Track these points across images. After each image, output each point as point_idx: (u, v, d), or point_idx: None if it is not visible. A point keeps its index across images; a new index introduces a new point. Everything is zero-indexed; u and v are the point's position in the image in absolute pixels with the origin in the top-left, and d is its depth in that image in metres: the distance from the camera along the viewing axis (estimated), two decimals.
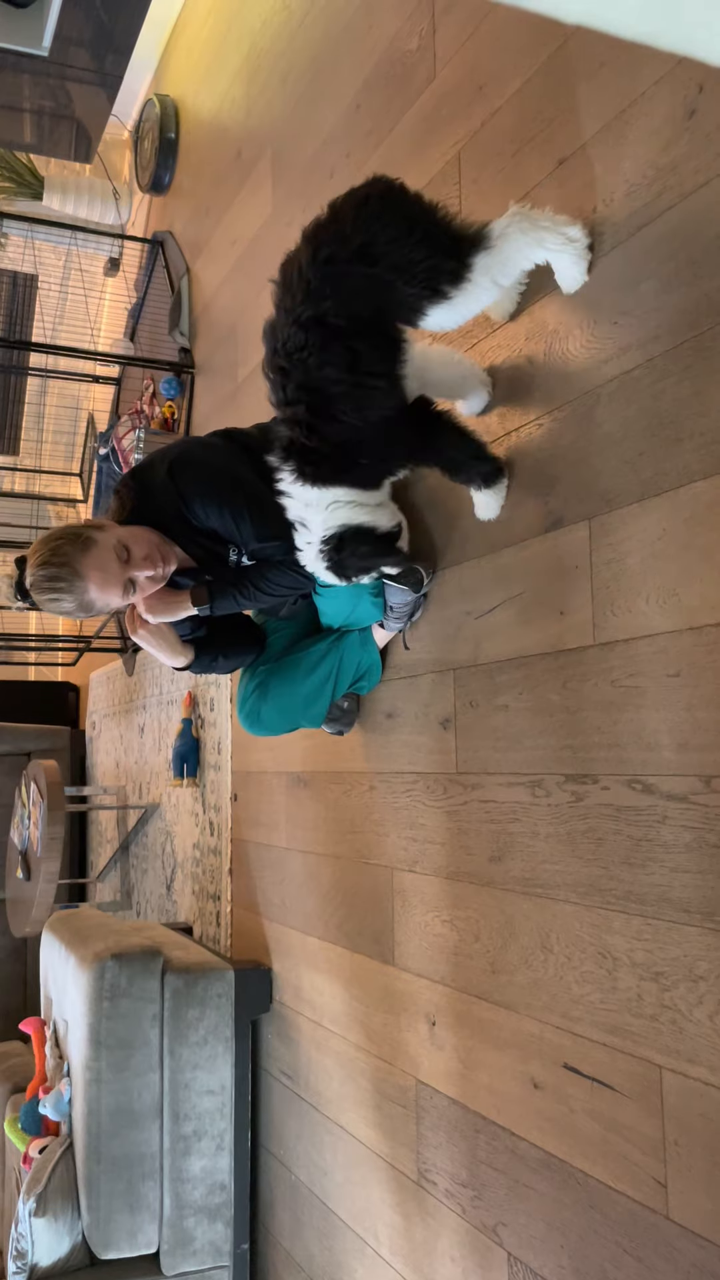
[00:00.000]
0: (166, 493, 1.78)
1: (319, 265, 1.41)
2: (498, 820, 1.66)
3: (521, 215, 1.41)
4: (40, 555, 1.71)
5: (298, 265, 1.44)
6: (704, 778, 1.25)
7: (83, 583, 1.69)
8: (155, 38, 4.08)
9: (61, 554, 1.68)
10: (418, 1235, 1.88)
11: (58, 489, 5.32)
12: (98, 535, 1.72)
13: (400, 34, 2.06)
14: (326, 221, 1.43)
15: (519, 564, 1.62)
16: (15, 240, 4.61)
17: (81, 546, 1.69)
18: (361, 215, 1.40)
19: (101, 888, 4.55)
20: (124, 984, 2.36)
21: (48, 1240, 2.34)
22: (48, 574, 1.69)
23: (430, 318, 1.44)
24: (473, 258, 1.40)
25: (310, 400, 1.46)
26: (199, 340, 3.47)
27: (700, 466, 1.27)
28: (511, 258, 1.42)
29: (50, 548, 1.70)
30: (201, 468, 1.79)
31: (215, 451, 1.83)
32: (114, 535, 1.73)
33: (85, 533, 1.72)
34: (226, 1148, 2.48)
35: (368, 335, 1.43)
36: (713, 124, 1.26)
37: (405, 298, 1.42)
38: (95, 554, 1.69)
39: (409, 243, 1.37)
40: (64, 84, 3.31)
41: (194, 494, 1.77)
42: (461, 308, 1.44)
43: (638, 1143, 1.34)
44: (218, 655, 2.06)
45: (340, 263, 1.40)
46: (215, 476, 1.78)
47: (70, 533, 1.72)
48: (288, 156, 2.67)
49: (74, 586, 1.69)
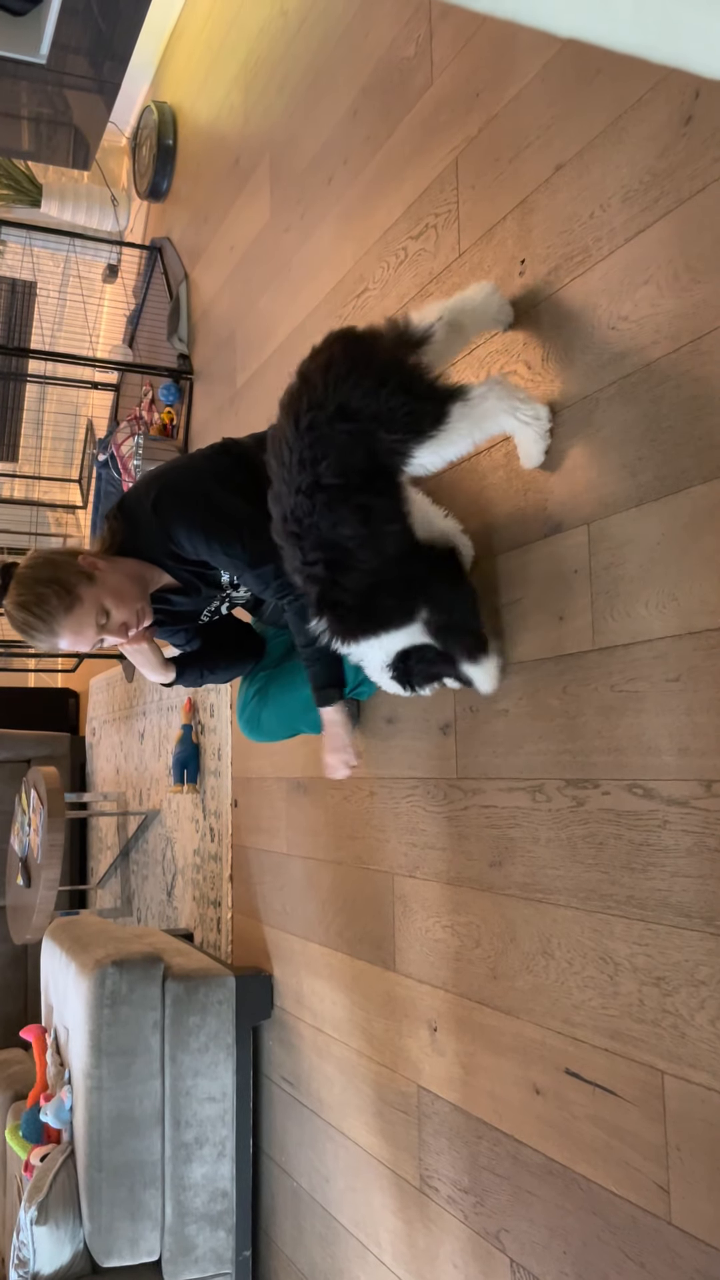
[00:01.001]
0: (152, 528, 1.79)
1: (303, 433, 1.44)
2: (498, 825, 1.66)
3: (499, 382, 1.46)
4: (25, 595, 1.73)
5: (284, 438, 1.48)
6: (704, 782, 1.25)
7: (54, 637, 1.76)
8: (153, 45, 4.09)
9: (46, 605, 1.72)
10: (420, 1242, 1.87)
11: (57, 495, 5.33)
12: (84, 592, 1.74)
13: (397, 41, 2.07)
14: (299, 389, 1.47)
15: (518, 569, 1.63)
16: (14, 247, 4.61)
17: (65, 606, 1.72)
18: (330, 378, 1.43)
19: (102, 894, 4.54)
20: (125, 991, 2.36)
21: (49, 1248, 2.34)
22: (24, 618, 1.73)
23: (416, 459, 1.47)
24: (450, 405, 1.44)
25: (329, 556, 1.49)
26: (197, 346, 3.48)
27: (699, 471, 1.27)
28: (487, 415, 1.46)
29: (36, 595, 1.72)
30: (186, 502, 1.78)
31: (200, 480, 1.82)
32: (100, 592, 1.75)
33: (75, 586, 1.73)
34: (228, 1155, 2.47)
35: (369, 485, 1.46)
36: (709, 130, 1.27)
37: (391, 444, 1.44)
38: (76, 615, 1.74)
39: (384, 394, 1.41)
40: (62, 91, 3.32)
41: (179, 530, 1.78)
42: (445, 449, 1.47)
43: (640, 1148, 1.34)
44: (203, 671, 2.08)
45: (322, 425, 1.43)
46: (200, 511, 1.78)
47: (60, 582, 1.73)
48: (285, 163, 2.68)
49: (46, 637, 1.76)
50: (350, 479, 1.44)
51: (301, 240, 2.54)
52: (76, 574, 1.74)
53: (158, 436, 3.57)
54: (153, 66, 4.22)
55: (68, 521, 5.32)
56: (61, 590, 1.72)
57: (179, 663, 2.07)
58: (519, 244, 1.64)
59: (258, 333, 2.84)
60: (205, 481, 1.81)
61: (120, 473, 3.71)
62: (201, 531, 1.77)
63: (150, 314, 3.94)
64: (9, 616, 1.76)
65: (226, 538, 1.77)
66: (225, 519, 1.77)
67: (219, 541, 1.77)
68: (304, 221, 2.53)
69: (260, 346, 2.82)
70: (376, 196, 2.14)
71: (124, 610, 1.79)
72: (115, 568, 1.80)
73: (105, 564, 1.79)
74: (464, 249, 1.80)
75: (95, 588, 1.75)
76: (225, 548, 1.78)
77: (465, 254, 1.79)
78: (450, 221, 1.85)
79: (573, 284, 1.51)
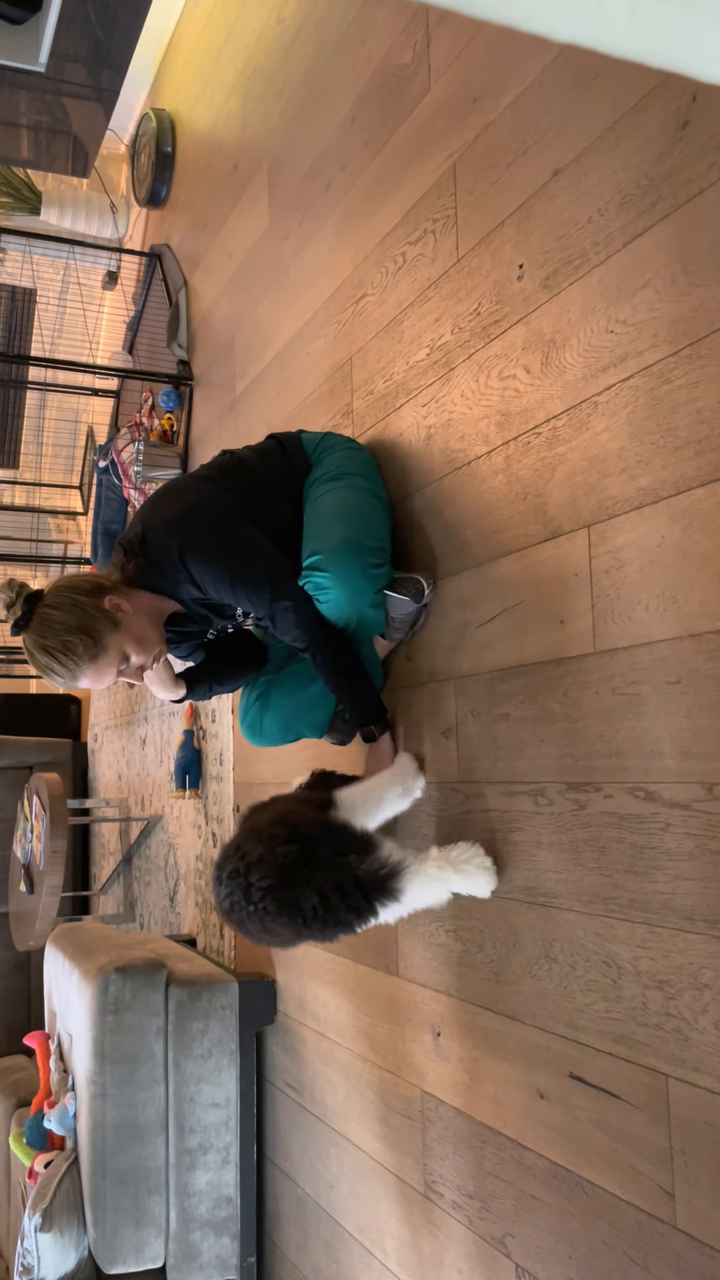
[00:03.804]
0: (177, 572, 1.82)
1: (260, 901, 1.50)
2: (500, 829, 1.66)
3: (441, 859, 1.59)
4: (50, 642, 1.74)
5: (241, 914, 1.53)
6: (706, 785, 1.25)
7: (75, 680, 1.78)
8: (151, 53, 4.10)
9: (72, 654, 1.74)
10: (425, 1247, 1.87)
11: (58, 502, 5.34)
12: (110, 640, 1.76)
13: (395, 47, 2.08)
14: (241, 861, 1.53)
15: (518, 573, 1.63)
16: (13, 255, 4.63)
17: (91, 656, 1.75)
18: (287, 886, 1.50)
19: (104, 900, 4.54)
20: (128, 997, 2.35)
21: (54, 1256, 2.33)
22: (47, 662, 1.75)
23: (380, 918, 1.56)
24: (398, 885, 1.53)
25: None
26: (197, 352, 3.48)
27: (698, 474, 1.27)
28: (429, 892, 1.59)
29: (63, 643, 1.73)
30: (216, 552, 1.81)
31: (228, 525, 1.84)
32: (124, 639, 1.79)
33: (102, 635, 1.75)
34: (232, 1161, 2.47)
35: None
36: (705, 134, 1.27)
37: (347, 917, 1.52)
38: (100, 663, 1.77)
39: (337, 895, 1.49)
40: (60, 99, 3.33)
41: (207, 579, 1.81)
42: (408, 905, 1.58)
43: (644, 1152, 1.34)
44: (212, 685, 2.11)
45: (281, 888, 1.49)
46: (229, 561, 1.81)
47: (87, 631, 1.74)
48: (284, 169, 2.68)
49: (66, 681, 1.78)
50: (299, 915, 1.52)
51: (300, 246, 2.55)
52: (103, 620, 1.76)
53: (158, 442, 3.57)
54: (151, 74, 4.23)
55: (68, 528, 5.33)
56: (89, 640, 1.74)
57: (188, 678, 2.08)
58: (517, 249, 1.65)
59: (257, 339, 2.85)
60: (233, 525, 1.84)
61: (121, 478, 3.71)
62: (228, 582, 1.81)
63: (150, 320, 3.95)
64: (29, 654, 1.77)
65: (253, 589, 1.81)
66: (254, 572, 1.81)
67: (245, 591, 1.81)
68: (302, 228, 2.54)
69: (260, 352, 2.82)
70: (375, 202, 2.15)
71: (144, 655, 1.83)
72: (137, 607, 1.82)
73: (129, 606, 1.81)
74: (462, 254, 1.80)
75: (119, 634, 1.78)
76: (250, 596, 1.82)
77: (463, 259, 1.80)
78: (448, 227, 1.85)
79: (571, 288, 1.51)
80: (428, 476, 1.90)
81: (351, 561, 1.78)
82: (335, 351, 2.32)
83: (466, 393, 1.78)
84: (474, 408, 1.75)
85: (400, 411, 2.01)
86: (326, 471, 1.95)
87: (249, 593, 1.81)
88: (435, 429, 1.88)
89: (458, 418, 1.80)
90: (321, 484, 1.94)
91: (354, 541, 1.80)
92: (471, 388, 1.76)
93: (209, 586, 1.83)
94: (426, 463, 1.90)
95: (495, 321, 1.70)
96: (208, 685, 2.10)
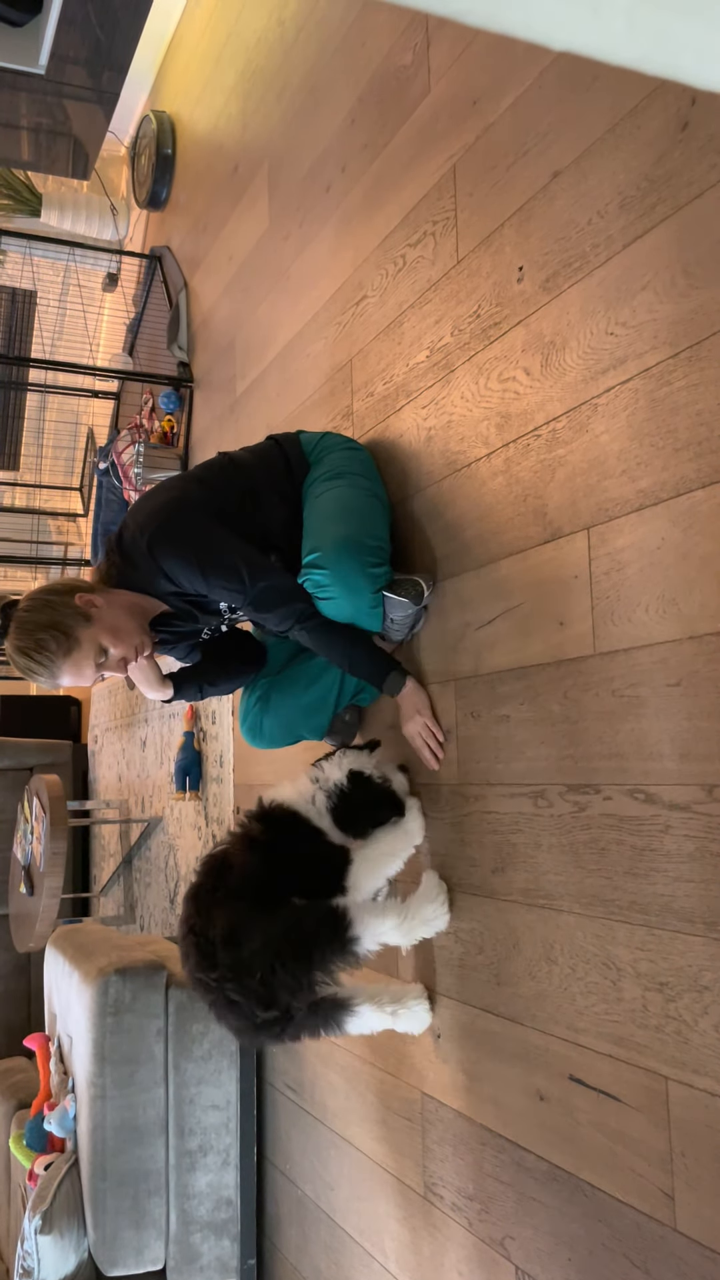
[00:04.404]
0: (150, 566, 1.82)
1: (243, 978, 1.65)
2: (500, 831, 1.66)
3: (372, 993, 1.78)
4: (24, 641, 1.77)
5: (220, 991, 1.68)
6: (706, 787, 1.25)
7: (55, 679, 1.81)
8: (151, 55, 4.10)
9: (45, 651, 1.76)
10: (425, 1249, 1.87)
11: (58, 504, 5.34)
12: (82, 634, 1.77)
13: (395, 49, 2.08)
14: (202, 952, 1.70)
15: (518, 575, 1.63)
16: (14, 257, 4.63)
17: (64, 650, 1.77)
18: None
19: (105, 902, 4.54)
20: (128, 999, 2.35)
21: (54, 1258, 2.33)
22: (25, 663, 1.78)
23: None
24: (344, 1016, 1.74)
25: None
26: (197, 354, 3.48)
27: (698, 476, 1.27)
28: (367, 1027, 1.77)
29: (35, 641, 1.76)
30: (182, 542, 1.81)
31: (196, 518, 1.84)
32: (98, 632, 1.79)
33: (73, 629, 1.77)
34: (232, 1163, 2.47)
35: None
36: (705, 136, 1.27)
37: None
38: (74, 658, 1.78)
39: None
40: (61, 101, 3.33)
41: (176, 570, 1.81)
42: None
43: (644, 1154, 1.34)
44: (203, 686, 2.10)
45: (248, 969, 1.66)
46: (197, 551, 1.81)
47: (57, 626, 1.76)
48: (284, 171, 2.69)
49: (47, 679, 1.81)
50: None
51: (300, 248, 2.55)
52: (73, 615, 1.78)
53: (158, 444, 3.57)
54: (151, 76, 4.23)
55: (69, 529, 5.33)
56: (59, 634, 1.76)
57: (177, 679, 2.08)
58: (517, 251, 1.65)
59: (257, 340, 2.85)
60: (201, 518, 1.84)
61: (121, 480, 3.71)
62: (199, 570, 1.80)
63: (150, 322, 3.95)
64: (11, 659, 1.80)
65: (226, 576, 1.80)
66: (223, 558, 1.80)
67: (217, 579, 1.81)
68: (302, 229, 2.54)
69: (260, 354, 2.83)
70: (375, 204, 2.15)
71: (122, 647, 1.83)
72: (112, 603, 1.83)
73: (102, 600, 1.81)
74: (462, 256, 1.80)
75: (93, 628, 1.79)
76: (225, 585, 1.81)
77: (463, 261, 1.80)
78: (449, 229, 1.85)
79: (570, 290, 1.51)
80: (428, 478, 1.90)
81: (351, 560, 1.78)
82: (335, 353, 2.32)
83: (466, 394, 1.78)
84: (474, 409, 1.75)
85: (400, 413, 2.01)
86: (325, 471, 1.95)
87: (223, 580, 1.80)
88: (435, 431, 1.88)
89: (458, 419, 1.80)
90: (321, 483, 1.94)
91: (353, 540, 1.80)
92: (471, 390, 1.76)
93: (180, 578, 1.81)
94: (426, 464, 1.90)
95: (495, 323, 1.70)
96: (198, 686, 2.10)
